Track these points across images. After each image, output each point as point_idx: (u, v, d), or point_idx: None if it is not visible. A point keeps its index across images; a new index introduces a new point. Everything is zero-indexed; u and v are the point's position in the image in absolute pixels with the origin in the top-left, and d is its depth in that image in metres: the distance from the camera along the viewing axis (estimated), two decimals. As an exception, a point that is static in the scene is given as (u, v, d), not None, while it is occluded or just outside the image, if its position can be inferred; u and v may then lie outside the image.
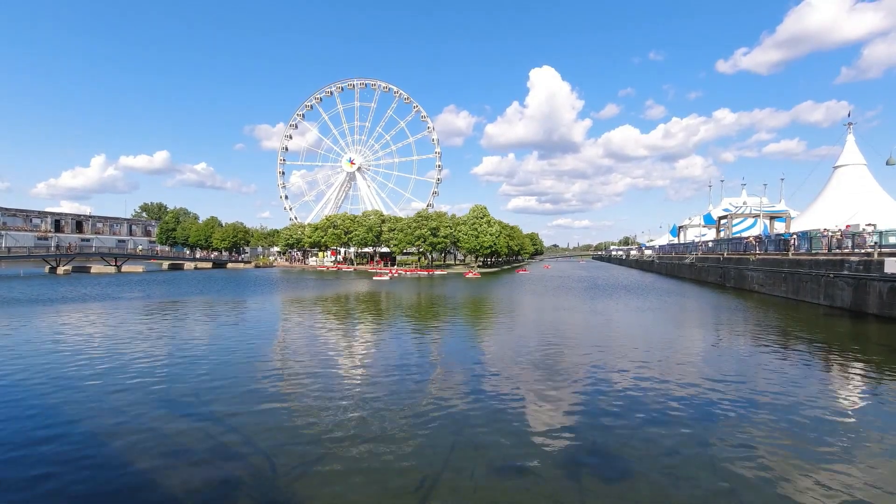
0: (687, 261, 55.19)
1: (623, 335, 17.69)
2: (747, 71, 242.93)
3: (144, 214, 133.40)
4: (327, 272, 69.90)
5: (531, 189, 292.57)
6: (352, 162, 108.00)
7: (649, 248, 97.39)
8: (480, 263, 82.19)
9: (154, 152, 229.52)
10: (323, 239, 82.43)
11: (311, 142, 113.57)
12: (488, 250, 72.62)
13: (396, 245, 76.52)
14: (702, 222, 73.84)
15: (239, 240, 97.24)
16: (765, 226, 52.35)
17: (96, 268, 62.67)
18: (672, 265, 63.27)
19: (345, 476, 6.42)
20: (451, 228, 73.37)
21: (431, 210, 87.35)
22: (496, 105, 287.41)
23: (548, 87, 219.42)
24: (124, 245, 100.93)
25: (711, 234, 65.16)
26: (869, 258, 22.11)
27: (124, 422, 8.39)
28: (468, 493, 6.00)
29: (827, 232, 29.15)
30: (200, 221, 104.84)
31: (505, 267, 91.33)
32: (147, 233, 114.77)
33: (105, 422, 8.38)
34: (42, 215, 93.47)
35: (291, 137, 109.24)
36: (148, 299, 29.26)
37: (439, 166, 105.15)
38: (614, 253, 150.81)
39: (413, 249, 79.37)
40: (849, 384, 11.08)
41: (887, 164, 34.36)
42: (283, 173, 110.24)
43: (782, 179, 69.58)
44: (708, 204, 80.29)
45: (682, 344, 16.31)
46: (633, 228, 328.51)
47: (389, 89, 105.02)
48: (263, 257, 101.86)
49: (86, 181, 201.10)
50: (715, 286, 41.58)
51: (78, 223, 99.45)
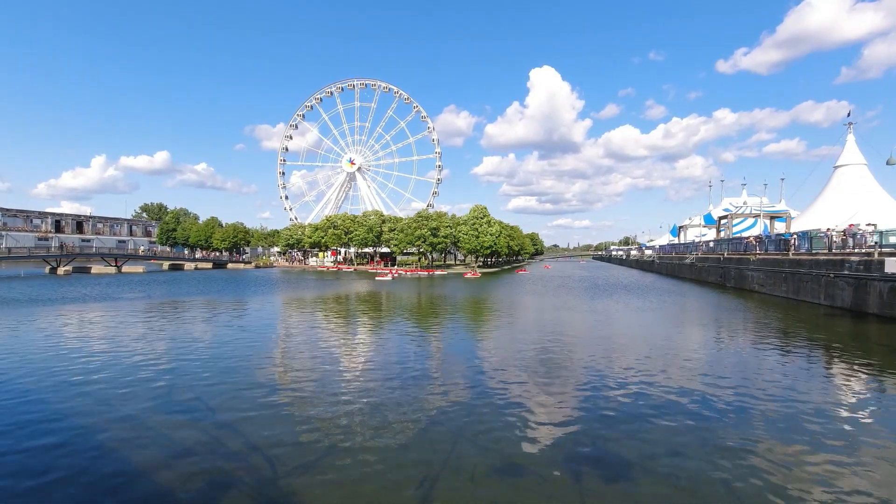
0: (687, 261, 55.16)
1: (623, 335, 17.69)
2: (747, 71, 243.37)
3: (145, 215, 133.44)
4: (327, 272, 69.92)
5: (531, 189, 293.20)
6: (352, 162, 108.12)
7: (649, 248, 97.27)
8: (480, 263, 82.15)
9: (154, 152, 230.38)
10: (323, 239, 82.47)
11: (312, 142, 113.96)
12: (488, 250, 72.58)
13: (397, 245, 76.52)
14: (702, 222, 73.86)
15: (239, 240, 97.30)
16: (765, 226, 52.32)
17: (97, 268, 62.78)
18: (672, 265, 63.24)
19: (345, 476, 6.42)
20: (452, 228, 73.36)
21: (432, 210, 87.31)
22: (496, 105, 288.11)
23: (548, 87, 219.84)
24: (125, 245, 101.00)
25: (712, 234, 65.09)
26: (869, 258, 22.10)
27: (125, 422, 8.39)
28: (468, 493, 6.01)
29: (830, 231, 29.09)
30: (201, 222, 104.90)
31: (505, 267, 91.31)
32: (147, 233, 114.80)
33: (105, 422, 8.39)
34: (42, 216, 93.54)
35: (291, 138, 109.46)
36: (148, 300, 29.28)
37: (439, 166, 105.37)
38: (614, 253, 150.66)
39: (413, 250, 79.38)
40: (849, 384, 11.07)
41: (887, 164, 34.26)
42: (284, 173, 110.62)
43: (782, 179, 69.64)
44: (708, 204, 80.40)
45: (683, 344, 16.30)
46: (634, 228, 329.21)
47: (389, 89, 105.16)
48: (264, 258, 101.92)
49: (86, 181, 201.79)
50: (715, 286, 41.56)
51: (78, 224, 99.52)
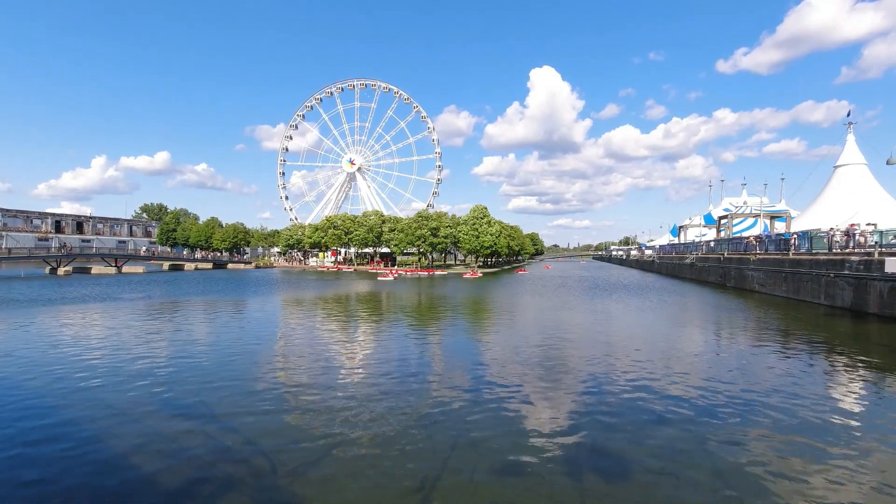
0: (687, 261, 55.14)
1: (623, 335, 17.68)
2: (747, 71, 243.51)
3: (145, 215, 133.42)
4: (328, 273, 69.91)
5: (531, 189, 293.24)
6: (352, 162, 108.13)
7: (650, 248, 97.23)
8: (481, 263, 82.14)
9: (155, 153, 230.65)
10: (323, 239, 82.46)
11: (312, 142, 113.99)
12: (489, 250, 72.56)
13: (397, 245, 76.51)
14: (702, 222, 73.85)
15: (239, 240, 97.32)
16: (765, 226, 52.32)
17: (97, 269, 62.79)
18: (672, 265, 63.22)
19: (345, 476, 6.42)
20: (452, 228, 73.35)
21: (432, 210, 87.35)
22: (496, 105, 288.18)
23: (548, 88, 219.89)
24: (125, 246, 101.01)
25: (712, 234, 65.08)
26: (869, 258, 22.09)
27: (125, 422, 8.40)
28: (468, 493, 6.01)
29: (832, 231, 29.06)
30: (201, 222, 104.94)
31: (505, 267, 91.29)
32: (147, 233, 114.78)
33: (105, 422, 8.39)
34: (43, 216, 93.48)
35: (292, 138, 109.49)
36: (149, 300, 29.28)
37: (439, 166, 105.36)
38: (615, 253, 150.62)
39: (413, 250, 79.36)
40: (849, 384, 11.07)
41: (888, 164, 34.26)
42: (284, 174, 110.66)
43: (783, 179, 69.71)
44: (708, 204, 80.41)
45: (683, 344, 16.29)
46: (634, 228, 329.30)
47: (389, 90, 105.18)
48: (264, 258, 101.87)
49: (86, 182, 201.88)
50: (715, 286, 41.55)
51: (78, 224, 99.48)
